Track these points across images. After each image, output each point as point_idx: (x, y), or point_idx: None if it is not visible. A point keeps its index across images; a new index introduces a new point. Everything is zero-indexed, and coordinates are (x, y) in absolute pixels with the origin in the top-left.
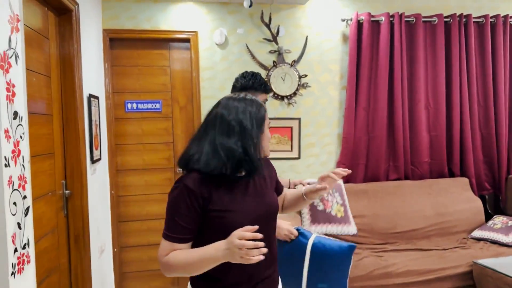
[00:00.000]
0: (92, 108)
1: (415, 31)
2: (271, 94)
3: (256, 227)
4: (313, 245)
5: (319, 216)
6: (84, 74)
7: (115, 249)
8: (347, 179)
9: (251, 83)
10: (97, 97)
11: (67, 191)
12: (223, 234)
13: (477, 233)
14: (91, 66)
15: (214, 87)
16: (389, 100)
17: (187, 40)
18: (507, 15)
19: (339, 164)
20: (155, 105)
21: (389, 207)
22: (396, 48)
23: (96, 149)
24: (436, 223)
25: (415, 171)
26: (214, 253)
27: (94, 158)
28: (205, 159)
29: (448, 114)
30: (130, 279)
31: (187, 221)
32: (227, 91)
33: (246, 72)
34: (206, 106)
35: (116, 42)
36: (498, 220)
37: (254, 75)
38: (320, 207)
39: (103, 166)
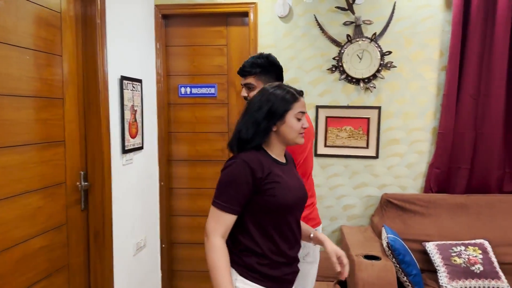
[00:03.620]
0: (125, 91)
1: None
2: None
3: None
4: None
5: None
6: (115, 53)
7: (163, 245)
8: (443, 189)
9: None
10: (138, 80)
11: (84, 183)
12: (271, 211)
13: None
14: (131, 45)
15: None
16: (508, 85)
17: (245, 14)
18: None
19: (432, 167)
20: (210, 90)
21: (498, 230)
22: None
23: (134, 137)
24: None
25: None
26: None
27: (129, 147)
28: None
29: None
30: (180, 278)
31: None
32: (289, 73)
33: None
34: None
35: (170, 19)
36: None
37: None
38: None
39: (148, 155)
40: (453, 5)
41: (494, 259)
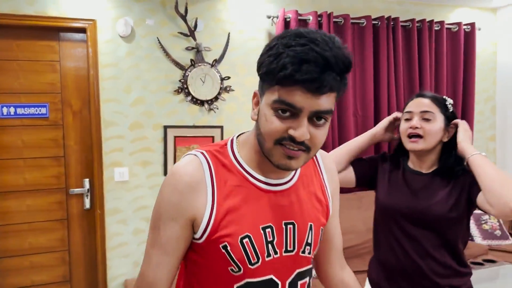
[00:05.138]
0: None
1: (344, 32)
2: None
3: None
4: None
5: None
6: None
7: None
8: None
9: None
10: None
11: None
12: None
13: None
14: None
15: (118, 88)
16: None
17: (82, 30)
18: (432, 20)
19: None
20: (40, 110)
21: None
22: None
23: None
24: (369, 239)
25: None
26: None
27: None
28: None
29: (376, 122)
30: None
31: None
32: (134, 93)
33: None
34: (106, 110)
35: None
36: None
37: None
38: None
39: None
40: None
41: None
